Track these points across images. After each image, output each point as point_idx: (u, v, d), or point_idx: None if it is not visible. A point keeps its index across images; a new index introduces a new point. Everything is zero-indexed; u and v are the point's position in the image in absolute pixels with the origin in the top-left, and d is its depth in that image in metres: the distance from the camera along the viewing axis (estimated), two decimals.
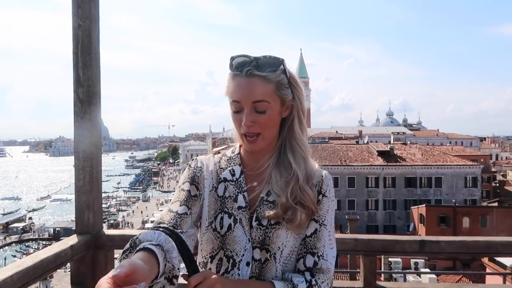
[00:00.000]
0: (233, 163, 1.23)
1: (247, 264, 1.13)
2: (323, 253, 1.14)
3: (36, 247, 46.35)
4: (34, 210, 72.55)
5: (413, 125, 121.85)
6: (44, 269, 1.77)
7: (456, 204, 29.90)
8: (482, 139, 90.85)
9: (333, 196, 1.19)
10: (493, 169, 49.94)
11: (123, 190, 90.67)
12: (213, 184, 1.22)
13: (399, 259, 20.19)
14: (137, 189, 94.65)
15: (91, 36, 2.19)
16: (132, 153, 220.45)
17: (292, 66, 1.20)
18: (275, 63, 1.13)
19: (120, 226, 53.20)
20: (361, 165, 34.67)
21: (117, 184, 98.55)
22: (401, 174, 34.58)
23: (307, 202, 1.13)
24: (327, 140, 53.65)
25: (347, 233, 23.16)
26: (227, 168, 1.23)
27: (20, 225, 55.89)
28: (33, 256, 1.79)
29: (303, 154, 1.18)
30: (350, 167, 34.45)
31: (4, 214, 65.54)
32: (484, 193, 41.31)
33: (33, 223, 58.30)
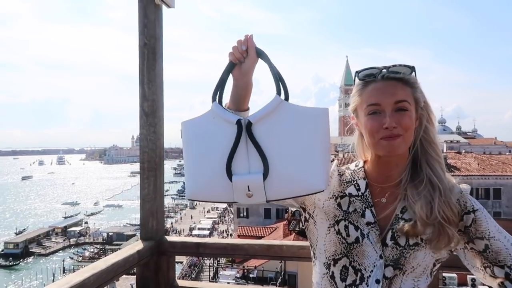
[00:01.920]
0: (357, 177, 1.20)
1: (377, 281, 1.09)
2: (509, 263, 1.06)
3: (92, 250, 48.83)
4: (92, 214, 76.68)
5: (468, 133, 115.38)
6: (115, 272, 1.89)
7: None
8: None
9: (481, 206, 1.11)
10: None
11: (172, 197, 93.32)
12: (333, 193, 1.20)
13: (454, 275, 19.06)
14: (185, 196, 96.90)
15: (155, 54, 2.33)
16: (180, 161, 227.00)
17: (338, 74, 1.19)
18: (408, 69, 1.11)
19: (169, 232, 54.70)
20: None
21: (165, 191, 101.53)
22: None
23: (453, 217, 1.06)
24: None
25: None
26: (351, 182, 1.20)
27: (77, 229, 59.20)
28: (105, 260, 1.91)
29: (441, 163, 1.11)
30: None
31: (65, 218, 69.87)
32: None
33: (89, 227, 61.50)
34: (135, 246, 2.16)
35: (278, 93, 1.01)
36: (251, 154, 1.00)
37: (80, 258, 45.29)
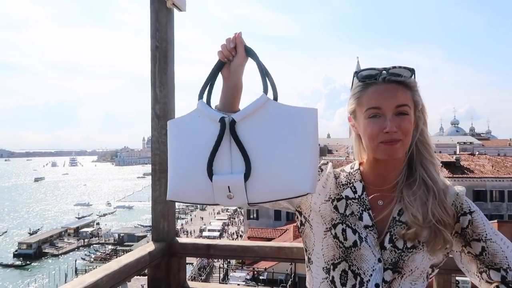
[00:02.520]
0: (354, 179, 1.19)
1: (376, 285, 1.09)
2: (509, 265, 1.06)
3: (103, 251, 49.30)
4: (104, 215, 77.44)
5: (482, 134, 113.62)
6: (127, 273, 1.92)
7: None
8: None
9: (477, 208, 1.11)
10: None
11: None
12: (329, 196, 1.19)
13: (467, 278, 18.74)
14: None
15: (167, 57, 2.35)
16: None
17: (349, 75, 1.18)
18: (408, 71, 1.10)
19: (180, 234, 54.98)
20: None
21: None
22: (469, 187, 32.32)
23: (448, 219, 1.07)
24: None
25: None
26: (347, 184, 1.19)
27: (89, 229, 59.80)
28: (117, 261, 1.94)
29: (436, 168, 1.13)
30: None
31: (78, 218, 70.73)
32: None
33: (100, 228, 62.10)
34: (146, 247, 2.19)
35: (265, 91, 0.98)
36: (234, 154, 0.96)
37: (92, 259, 45.72)
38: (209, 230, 51.91)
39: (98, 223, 66.43)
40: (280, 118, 0.96)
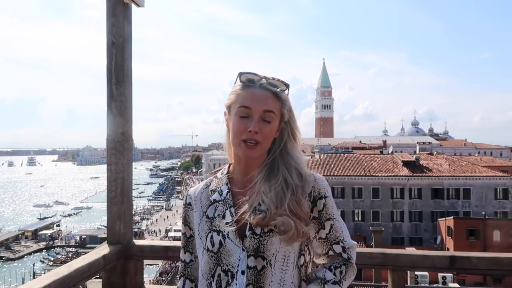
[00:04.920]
0: (221, 183, 1.31)
1: (242, 272, 1.19)
2: (344, 237, 1.27)
3: (64, 254, 47.47)
4: (65, 216, 74.51)
5: (440, 135, 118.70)
6: (78, 278, 1.84)
7: (486, 217, 28.81)
8: None
9: (330, 194, 1.28)
10: None
11: (147, 199, 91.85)
12: (203, 211, 1.30)
13: (426, 273, 19.58)
14: (161, 198, 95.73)
15: (124, 53, 2.28)
16: (156, 162, 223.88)
17: (315, 76, 1.26)
18: (283, 86, 1.26)
19: (144, 235, 53.87)
20: (386, 176, 33.96)
21: (139, 193, 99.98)
22: (427, 185, 33.68)
23: (302, 214, 1.20)
24: (350, 150, 53.01)
25: (372, 245, 22.66)
26: (215, 190, 1.31)
27: (48, 232, 57.39)
28: (68, 265, 1.86)
29: (296, 166, 1.26)
30: (374, 178, 33.84)
31: (40, 219, 67.71)
32: None
33: (61, 230, 59.77)
34: (100, 250, 2.11)
35: None
36: None
37: (52, 262, 43.94)
38: (175, 231, 51.17)
39: (58, 225, 63.90)
40: None
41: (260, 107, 1.21)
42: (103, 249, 2.13)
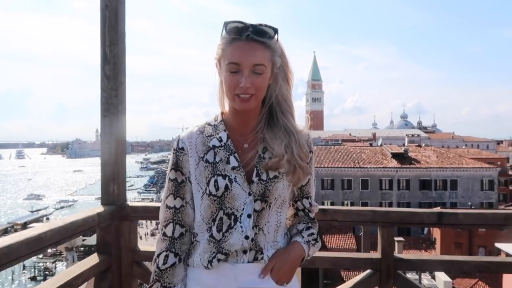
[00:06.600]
0: (219, 130, 1.30)
1: (249, 216, 1.24)
2: (312, 195, 1.40)
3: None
4: (62, 207, 73.92)
5: (428, 128, 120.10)
6: (73, 231, 1.86)
7: (472, 207, 29.35)
8: (499, 142, 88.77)
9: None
10: (510, 172, 48.72)
11: (137, 192, 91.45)
12: (199, 156, 1.28)
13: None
14: (151, 190, 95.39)
15: (117, 15, 2.28)
16: (146, 155, 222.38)
17: (306, 69, 1.29)
18: (272, 32, 1.21)
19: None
20: (375, 167, 34.35)
21: (130, 186, 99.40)
22: (415, 177, 34.16)
23: (303, 159, 1.28)
24: (340, 142, 53.38)
25: (361, 235, 22.88)
26: (213, 135, 1.29)
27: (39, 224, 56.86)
28: (63, 220, 1.87)
29: (292, 114, 1.31)
30: (363, 169, 34.18)
31: (32, 212, 67.10)
32: (501, 196, 40.44)
33: None
34: (95, 209, 2.12)
35: None
36: None
37: (42, 255, 43.62)
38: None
39: (48, 218, 63.31)
40: None
41: (249, 61, 1.18)
42: (98, 208, 2.14)
